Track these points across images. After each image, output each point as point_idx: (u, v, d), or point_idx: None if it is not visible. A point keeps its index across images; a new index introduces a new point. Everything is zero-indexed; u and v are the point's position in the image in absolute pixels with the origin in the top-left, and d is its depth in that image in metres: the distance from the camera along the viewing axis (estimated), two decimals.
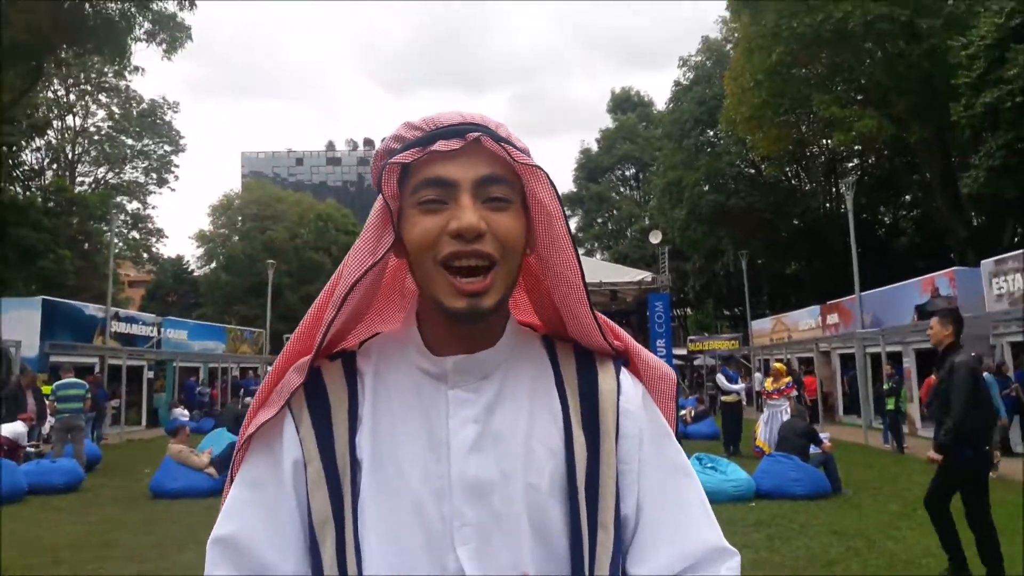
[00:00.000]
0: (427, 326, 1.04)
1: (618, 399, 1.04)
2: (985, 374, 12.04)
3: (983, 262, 16.34)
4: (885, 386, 15.31)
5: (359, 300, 1.05)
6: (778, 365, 12.92)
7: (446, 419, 0.98)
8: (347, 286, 1.00)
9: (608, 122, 58.76)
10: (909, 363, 18.15)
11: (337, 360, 1.06)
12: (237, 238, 51.91)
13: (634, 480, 1.03)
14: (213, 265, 51.85)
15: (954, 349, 5.80)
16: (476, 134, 0.97)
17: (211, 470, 10.52)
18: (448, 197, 0.96)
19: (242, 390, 24.76)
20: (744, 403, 16.69)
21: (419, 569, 0.93)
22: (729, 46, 36.03)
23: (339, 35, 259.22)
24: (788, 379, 12.43)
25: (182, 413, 20.71)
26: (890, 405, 15.00)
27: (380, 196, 1.00)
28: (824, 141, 33.22)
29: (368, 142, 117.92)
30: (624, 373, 1.08)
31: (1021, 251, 15.26)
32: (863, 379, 19.49)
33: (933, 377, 13.32)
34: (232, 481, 1.03)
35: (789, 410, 11.97)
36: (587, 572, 0.96)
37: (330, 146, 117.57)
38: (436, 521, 0.94)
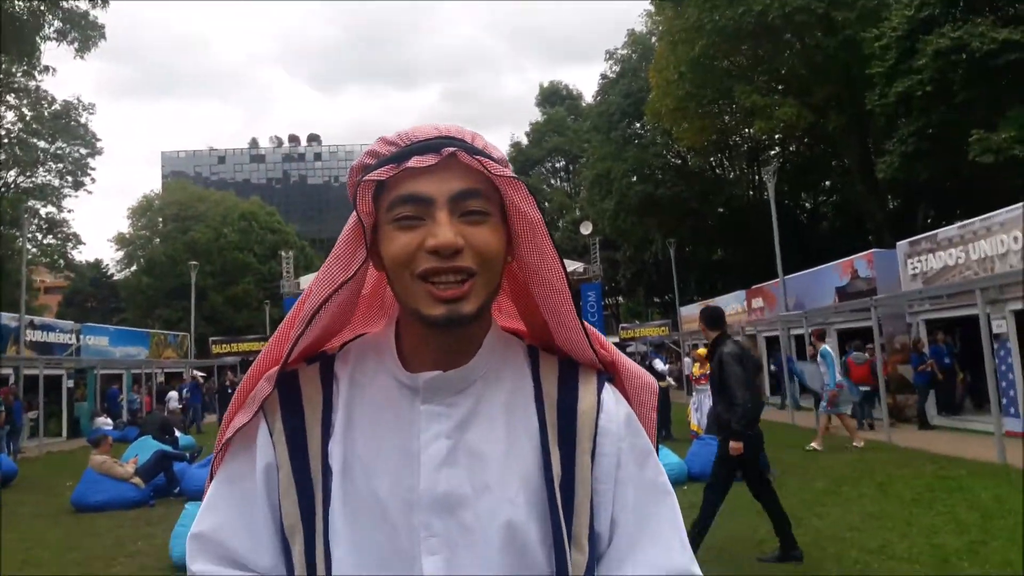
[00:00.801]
0: (405, 335, 1.04)
1: (597, 417, 1.04)
2: (824, 346, 12.98)
3: (899, 244, 16.99)
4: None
5: (335, 310, 1.05)
6: (701, 351, 13.16)
7: (418, 433, 0.99)
8: (315, 304, 0.99)
9: (537, 115, 59.09)
10: (831, 343, 18.76)
11: (315, 364, 1.07)
12: (158, 240, 50.56)
13: (609, 499, 1.02)
14: (134, 268, 50.40)
15: (721, 341, 6.16)
16: (451, 149, 0.96)
17: (137, 480, 10.16)
18: (424, 213, 0.95)
19: (168, 396, 24.01)
20: (673, 387, 17.16)
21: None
22: (654, 39, 36.60)
23: (263, 32, 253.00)
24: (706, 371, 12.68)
25: (105, 422, 19.99)
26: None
27: (354, 211, 0.99)
28: (746, 130, 34.04)
29: (293, 138, 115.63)
30: (607, 390, 1.07)
31: (934, 232, 15.91)
32: (787, 360, 20.07)
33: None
34: (212, 479, 1.06)
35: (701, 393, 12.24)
36: None
37: (254, 143, 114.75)
38: (403, 531, 0.94)
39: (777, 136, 32.83)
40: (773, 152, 35.72)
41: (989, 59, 16.44)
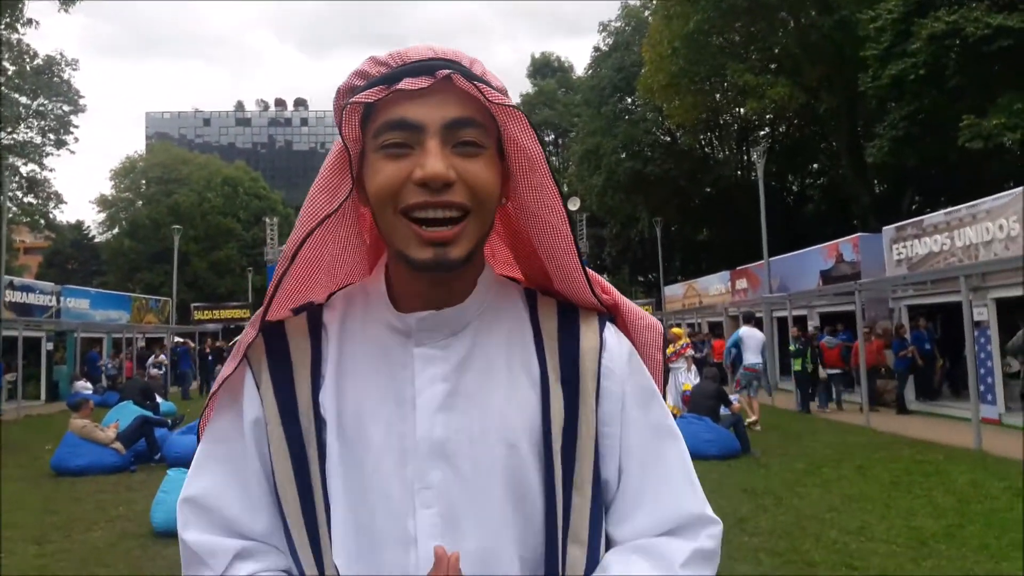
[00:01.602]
0: (395, 279, 0.99)
1: (600, 357, 0.99)
2: (740, 329, 13.29)
3: (884, 228, 17.05)
4: (793, 347, 15.87)
5: (323, 251, 0.99)
6: (675, 330, 13.28)
7: (412, 377, 0.94)
8: (299, 237, 0.93)
9: (528, 87, 58.56)
10: (815, 326, 18.88)
11: (302, 314, 1.01)
12: (141, 203, 49.93)
13: (616, 442, 0.98)
14: (116, 231, 49.78)
15: None
16: (447, 71, 0.89)
17: (117, 445, 10.10)
18: (414, 141, 0.89)
19: (149, 361, 23.85)
20: None
21: (382, 533, 0.90)
22: (648, 12, 36.27)
23: None
24: (684, 340, 12.83)
25: (85, 386, 19.87)
26: (796, 366, 15.58)
27: (339, 138, 0.92)
28: (737, 110, 33.95)
29: (280, 102, 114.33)
30: (609, 329, 1.03)
31: (920, 218, 15.98)
32: (770, 342, 20.23)
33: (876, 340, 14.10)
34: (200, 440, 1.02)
35: (687, 370, 12.31)
36: (561, 533, 0.93)
37: (239, 106, 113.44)
38: (397, 483, 0.90)
39: (768, 116, 32.76)
40: (763, 132, 35.69)
41: (983, 44, 16.39)
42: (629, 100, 38.33)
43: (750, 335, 13.61)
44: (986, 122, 16.55)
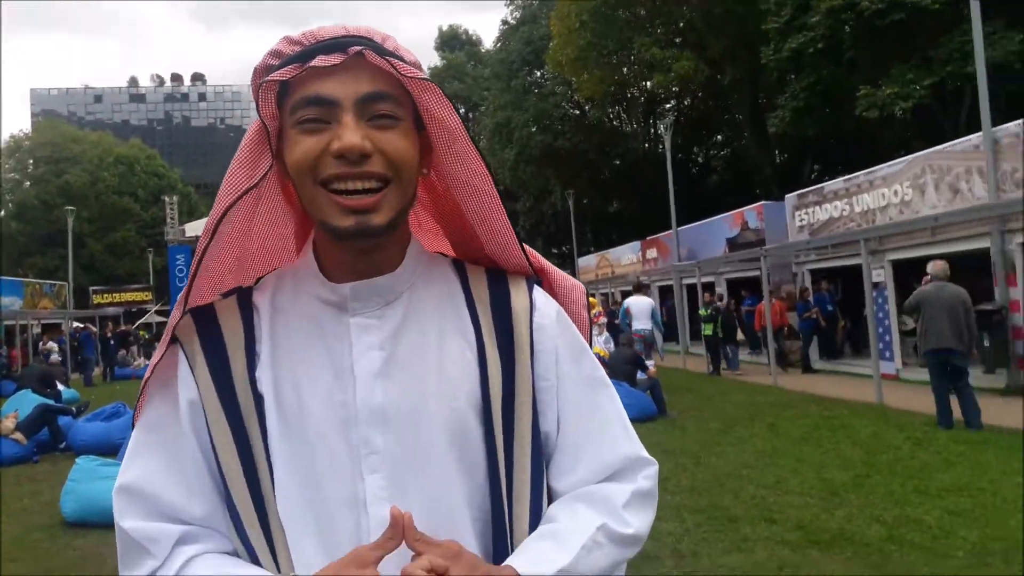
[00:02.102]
0: (323, 254, 0.99)
1: (531, 316, 1.02)
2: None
3: (787, 196, 17.64)
4: (704, 312, 16.28)
5: (248, 228, 1.00)
6: (591, 300, 13.55)
7: (349, 347, 0.94)
8: (218, 212, 0.93)
9: (436, 60, 57.83)
10: (722, 292, 19.45)
11: (231, 296, 1.02)
12: (29, 183, 47.30)
13: (553, 396, 1.01)
14: (2, 213, 46.87)
15: None
16: (358, 48, 0.90)
17: (18, 435, 9.52)
18: (330, 116, 0.90)
19: (48, 347, 22.60)
20: None
21: (330, 501, 0.90)
22: None
23: None
24: (597, 309, 13.08)
25: None
26: (707, 330, 16.01)
27: (257, 116, 0.94)
28: (644, 83, 34.41)
29: (176, 77, 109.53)
30: (537, 290, 1.06)
31: (821, 186, 16.59)
32: (680, 308, 20.73)
33: (778, 303, 14.60)
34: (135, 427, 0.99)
35: (598, 335, 12.54)
36: (505, 490, 0.95)
37: (133, 82, 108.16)
38: (342, 451, 0.91)
39: (673, 89, 33.34)
40: (669, 105, 36.32)
41: (877, 18, 17.07)
42: (538, 74, 38.37)
43: (635, 303, 14.18)
44: (881, 92, 17.26)
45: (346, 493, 0.90)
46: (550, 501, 1.01)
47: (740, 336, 16.36)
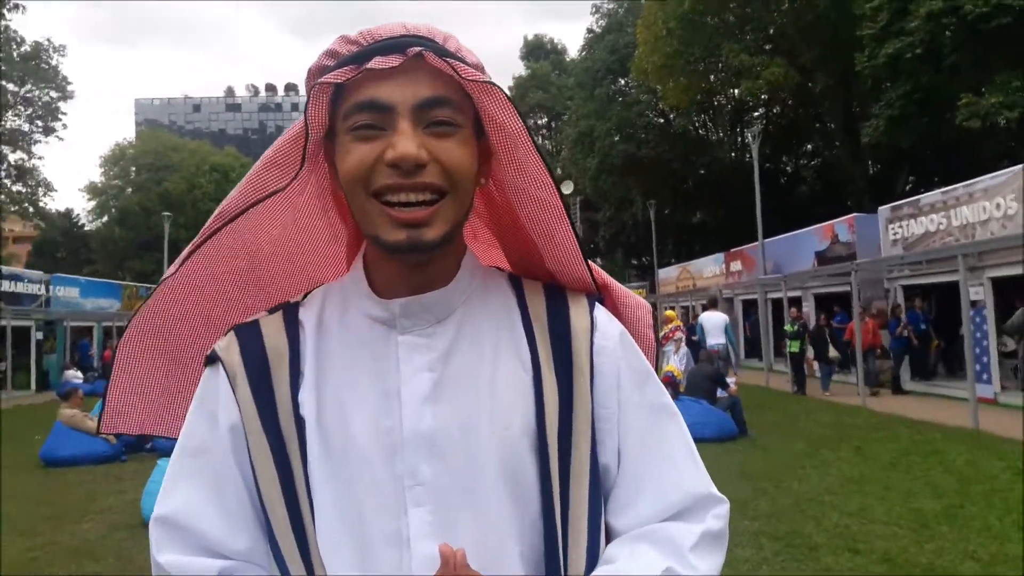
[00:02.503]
0: (373, 269, 0.95)
1: (592, 336, 0.95)
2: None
3: (880, 208, 16.95)
4: (789, 328, 15.77)
5: (267, 232, 1.00)
6: (668, 312, 13.38)
7: (396, 368, 0.89)
8: (236, 207, 0.95)
9: (521, 69, 58.21)
10: (809, 308, 18.83)
11: (277, 313, 0.97)
12: (131, 190, 49.65)
13: (613, 425, 0.94)
14: (105, 219, 49.51)
15: None
16: (418, 49, 0.85)
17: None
18: (385, 122, 0.85)
19: None
20: None
21: (372, 535, 0.85)
22: None
23: None
24: (672, 324, 12.92)
25: (75, 375, 19.68)
26: (793, 347, 15.49)
27: (302, 117, 0.91)
28: (732, 91, 33.78)
29: (270, 88, 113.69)
30: (599, 309, 0.99)
31: (916, 198, 15.89)
32: (764, 323, 20.17)
33: (870, 320, 14.14)
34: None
35: (675, 353, 12.30)
36: (560, 526, 0.88)
37: (230, 92, 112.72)
38: (387, 481, 0.86)
39: (762, 97, 32.63)
40: (757, 113, 35.54)
41: (980, 22, 16.26)
42: (622, 82, 38.17)
43: (708, 319, 14.29)
44: (984, 101, 16.43)
45: (389, 528, 0.85)
46: (608, 540, 0.94)
47: (833, 354, 15.69)
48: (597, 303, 0.99)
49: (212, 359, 0.94)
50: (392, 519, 0.85)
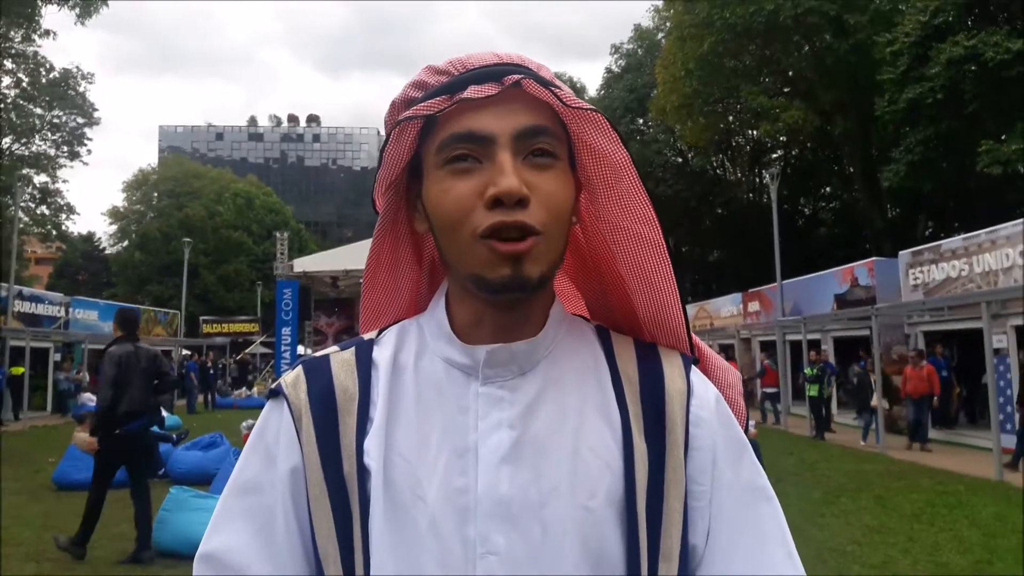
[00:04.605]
0: (457, 310, 0.87)
1: (688, 403, 0.85)
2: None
3: (901, 253, 16.85)
4: (809, 371, 15.59)
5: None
6: None
7: (475, 422, 0.81)
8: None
9: None
10: (828, 350, 18.65)
11: (350, 349, 0.90)
12: (152, 215, 50.20)
13: (706, 504, 0.84)
14: (126, 243, 50.04)
15: (117, 342, 6.42)
16: (516, 76, 0.80)
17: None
18: (483, 155, 0.79)
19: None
20: None
21: None
22: (661, 35, 36.41)
23: (270, 10, 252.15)
24: None
25: (90, 398, 19.69)
26: (812, 391, 15.31)
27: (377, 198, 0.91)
28: (750, 132, 33.89)
29: (292, 118, 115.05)
30: (695, 372, 0.89)
31: (937, 243, 15.79)
32: (783, 366, 19.97)
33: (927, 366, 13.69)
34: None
35: None
36: None
37: (252, 121, 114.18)
38: (456, 546, 0.77)
39: (781, 139, 32.70)
40: (775, 155, 35.59)
41: (1001, 69, 16.29)
42: (641, 121, 38.39)
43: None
44: (1005, 147, 16.39)
45: None
46: None
47: (875, 402, 14.79)
48: (692, 364, 0.90)
49: (276, 393, 0.88)
50: None
